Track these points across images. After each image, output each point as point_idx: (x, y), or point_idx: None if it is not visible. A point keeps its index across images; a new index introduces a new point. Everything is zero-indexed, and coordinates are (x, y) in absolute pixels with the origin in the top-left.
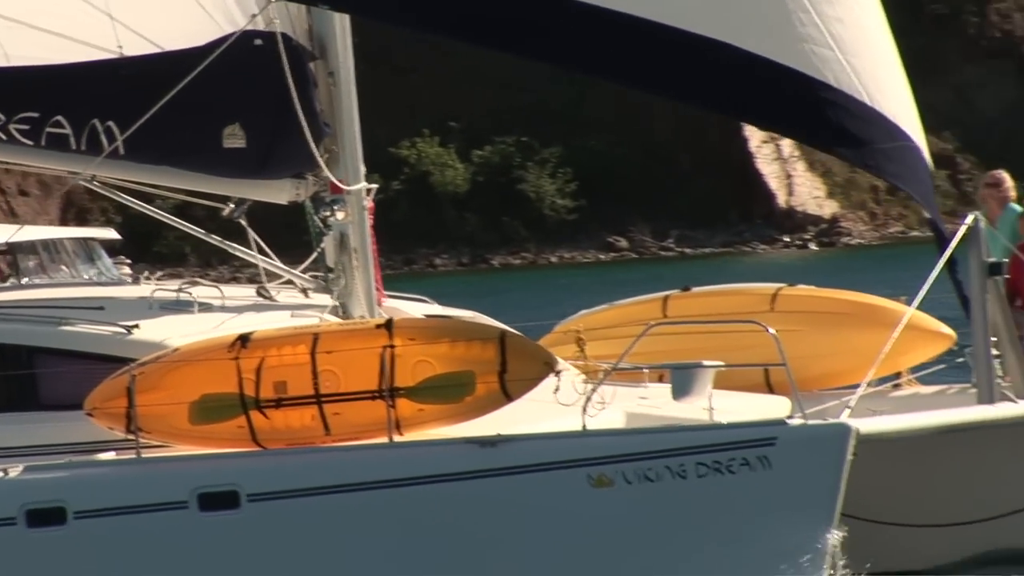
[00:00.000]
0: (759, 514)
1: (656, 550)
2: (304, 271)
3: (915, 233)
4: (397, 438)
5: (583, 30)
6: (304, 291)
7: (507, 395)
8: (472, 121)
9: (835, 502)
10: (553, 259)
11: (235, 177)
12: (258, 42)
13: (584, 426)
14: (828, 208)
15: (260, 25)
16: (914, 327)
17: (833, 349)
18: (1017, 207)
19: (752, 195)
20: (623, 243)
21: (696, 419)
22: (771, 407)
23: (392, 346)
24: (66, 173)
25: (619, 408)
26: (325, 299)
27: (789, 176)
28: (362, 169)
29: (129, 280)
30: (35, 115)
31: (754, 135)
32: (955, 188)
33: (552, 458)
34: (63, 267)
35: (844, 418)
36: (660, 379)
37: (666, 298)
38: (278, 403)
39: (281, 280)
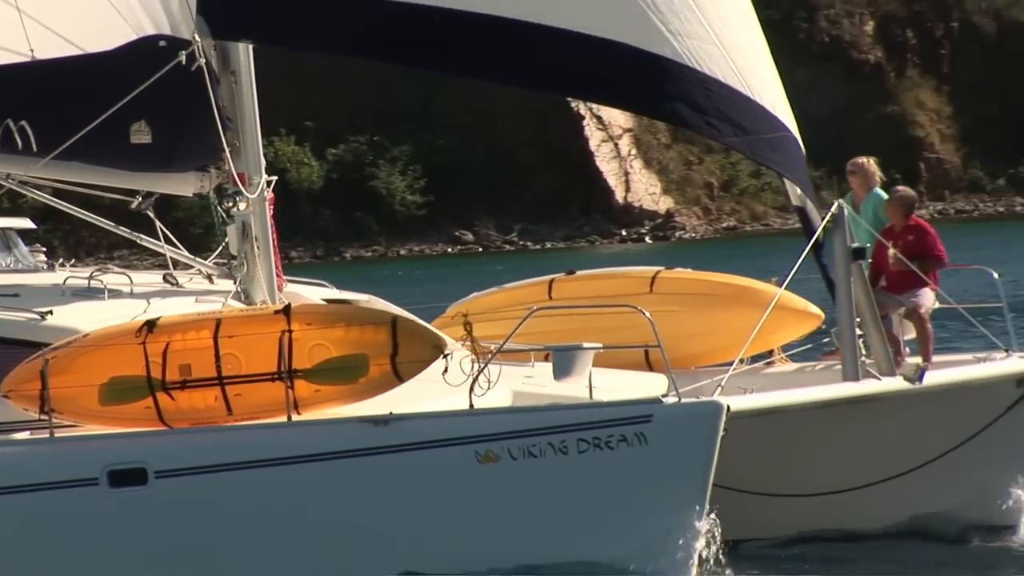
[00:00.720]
0: (637, 487)
1: (540, 522)
2: (211, 259)
3: (747, 228)
4: (295, 417)
5: (470, 38)
6: (209, 277)
7: (399, 377)
8: (327, 121)
9: (708, 475)
10: (403, 252)
11: (142, 171)
12: (163, 44)
13: (471, 405)
14: (664, 204)
15: (166, 28)
16: (784, 307)
17: (708, 329)
18: (882, 192)
19: (591, 191)
20: (469, 237)
21: (578, 398)
22: (649, 385)
23: (290, 330)
24: None
25: (506, 387)
26: (229, 285)
27: (627, 174)
28: (263, 161)
29: (44, 268)
30: None
31: (594, 135)
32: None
33: (442, 435)
34: None
35: (716, 396)
36: (546, 359)
37: (551, 281)
38: (183, 385)
39: (192, 269)
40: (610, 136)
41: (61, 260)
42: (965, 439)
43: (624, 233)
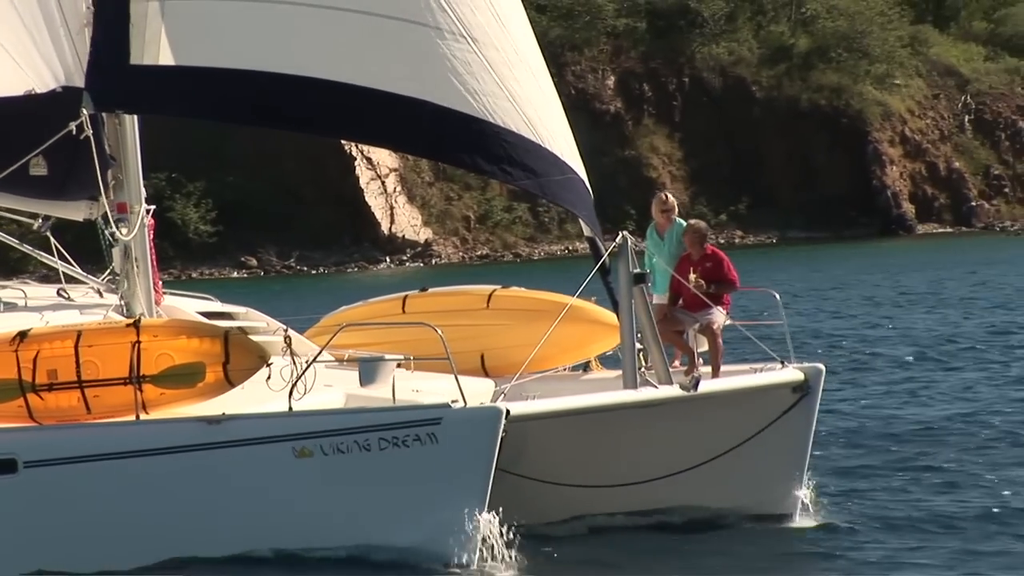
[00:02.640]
0: (428, 480)
1: (347, 511)
2: (103, 277)
3: (500, 256)
4: (144, 416)
5: (306, 100)
6: (99, 292)
7: (230, 382)
8: None
9: (489, 470)
10: (195, 275)
11: (40, 199)
12: (58, 90)
13: (290, 407)
14: (424, 234)
15: (61, 77)
16: (598, 322)
17: (534, 340)
18: (682, 222)
19: (361, 223)
20: (253, 262)
21: (383, 400)
22: (477, 388)
23: (139, 341)
24: None
25: (341, 390)
26: (114, 299)
27: (392, 208)
28: (143, 193)
29: None
30: None
31: (364, 174)
32: (534, 218)
33: (265, 433)
34: None
35: (497, 402)
36: (398, 366)
37: (405, 297)
38: (50, 387)
39: (91, 284)
40: (378, 175)
41: None
42: (748, 437)
43: (388, 260)
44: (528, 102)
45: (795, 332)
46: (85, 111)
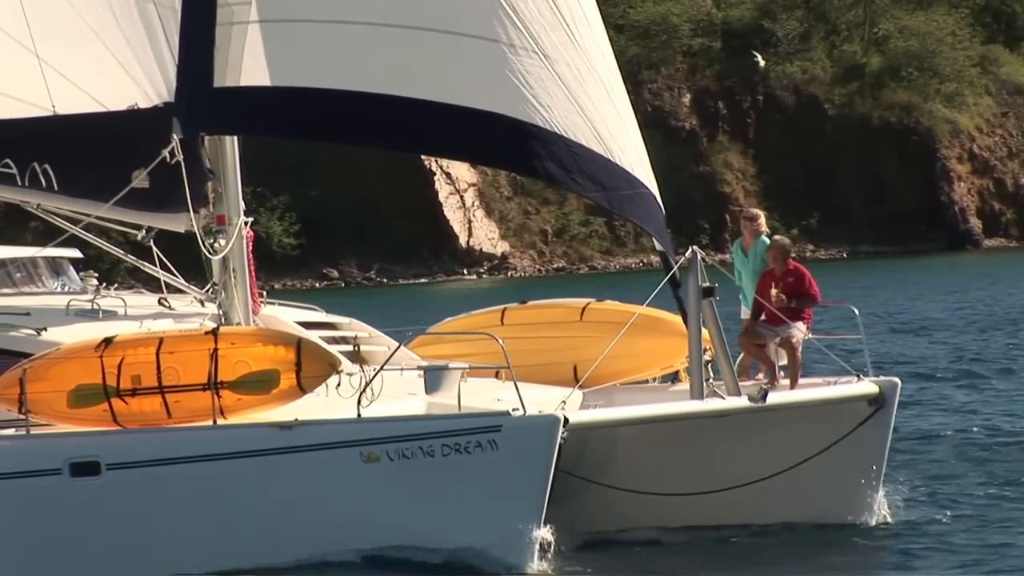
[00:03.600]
0: (488, 485)
1: (411, 514)
2: (207, 288)
3: (576, 269)
4: (221, 421)
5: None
6: (201, 302)
7: (302, 389)
8: None
9: (547, 475)
10: (278, 286)
11: (142, 210)
12: (160, 105)
13: (359, 414)
14: (500, 247)
15: (164, 92)
16: (684, 334)
17: (625, 352)
18: (766, 239)
19: (440, 236)
20: (335, 274)
21: (473, 408)
22: (560, 398)
23: (217, 348)
24: (19, 201)
25: (423, 398)
26: (214, 309)
27: (470, 222)
28: (241, 205)
29: (91, 291)
30: None
31: (443, 188)
32: (611, 232)
33: (334, 439)
34: (33, 280)
35: (556, 411)
36: (496, 375)
37: (504, 309)
38: (133, 392)
39: (195, 294)
40: (457, 189)
41: (105, 284)
42: (823, 449)
43: (465, 272)
44: (599, 117)
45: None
46: (175, 136)
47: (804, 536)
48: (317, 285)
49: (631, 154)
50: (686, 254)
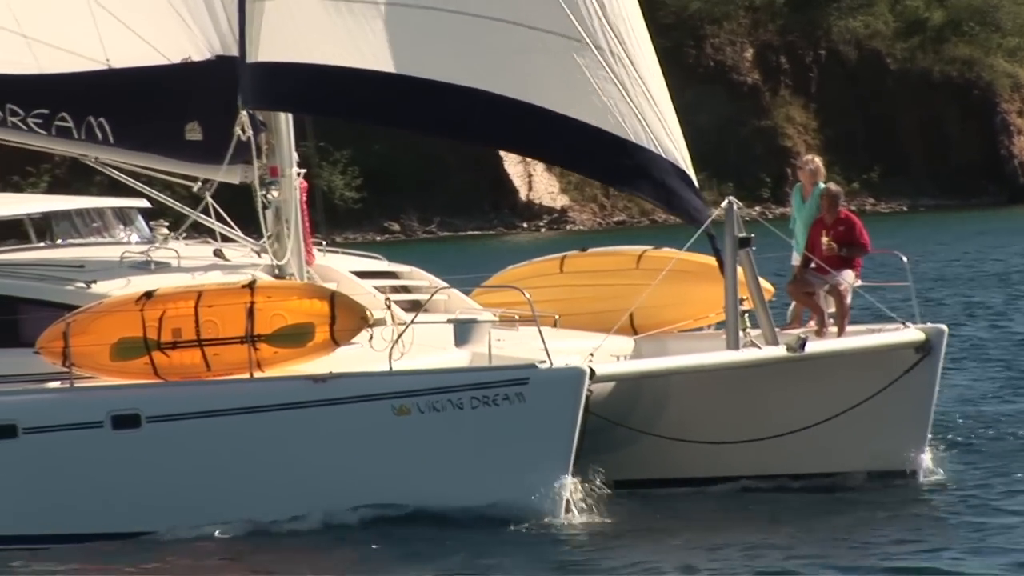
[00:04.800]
0: (516, 437)
1: (441, 465)
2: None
3: (637, 222)
4: (258, 374)
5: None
6: (258, 253)
7: (335, 342)
8: None
9: (574, 427)
10: (339, 239)
11: (196, 163)
12: (213, 59)
13: (390, 367)
14: (560, 201)
15: (217, 46)
16: (742, 282)
17: (680, 299)
18: (822, 185)
19: (501, 190)
20: (396, 227)
21: (518, 359)
22: (617, 346)
23: (254, 302)
24: (76, 155)
25: (471, 349)
26: (268, 259)
27: (530, 176)
28: (294, 157)
29: (160, 240)
30: (46, 111)
31: None
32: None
33: (366, 391)
34: (102, 230)
35: (581, 363)
36: (554, 324)
37: (564, 257)
38: (173, 345)
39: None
40: None
41: (173, 234)
42: (870, 396)
43: (525, 225)
44: (589, 87)
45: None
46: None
47: (850, 484)
48: (378, 238)
49: (628, 118)
50: (722, 205)
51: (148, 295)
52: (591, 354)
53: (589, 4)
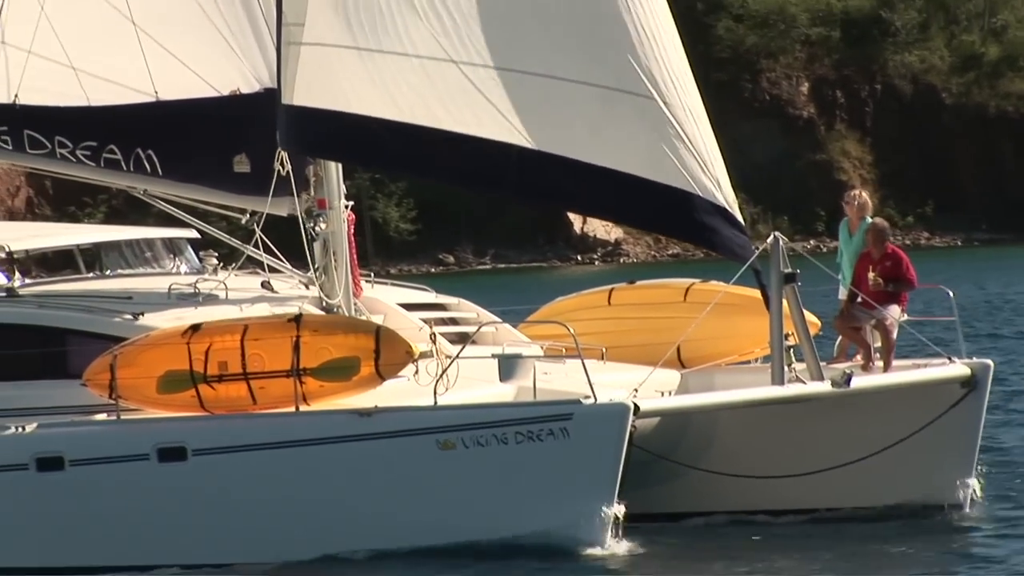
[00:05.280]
0: (561, 472)
1: (486, 499)
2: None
3: (694, 255)
4: (304, 408)
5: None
6: (306, 285)
7: (380, 376)
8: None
9: (618, 462)
10: (393, 271)
11: (244, 194)
12: (261, 91)
13: (435, 402)
14: (614, 234)
15: (265, 78)
16: (788, 316)
17: (727, 333)
18: (869, 220)
19: (555, 223)
20: (450, 259)
21: (568, 393)
22: (664, 380)
23: (299, 336)
24: (124, 187)
25: (517, 383)
26: (315, 291)
27: None
28: (342, 189)
29: (209, 270)
30: (94, 143)
31: None
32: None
33: (412, 426)
34: (151, 261)
35: (625, 398)
36: (601, 357)
37: (612, 289)
38: (219, 378)
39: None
40: None
41: (223, 264)
42: (916, 431)
43: (579, 258)
44: (616, 134)
45: (975, 328)
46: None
47: (895, 519)
48: (432, 270)
49: (661, 159)
50: (768, 240)
51: (195, 328)
52: (636, 389)
53: (618, 52)
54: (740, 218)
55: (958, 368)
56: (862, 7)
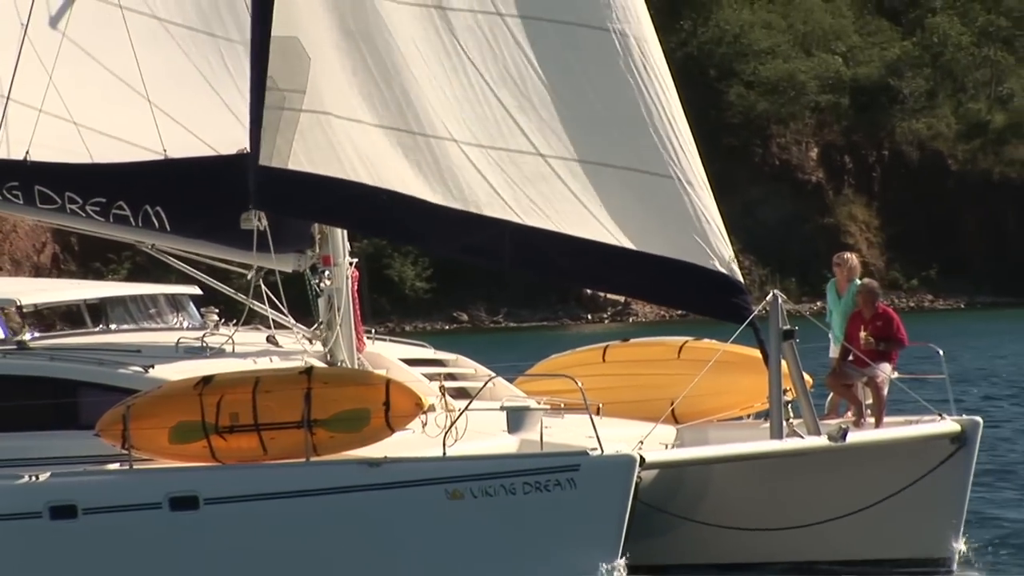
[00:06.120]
0: (568, 522)
1: (493, 549)
2: (315, 327)
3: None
4: (314, 458)
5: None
6: (309, 340)
7: (390, 427)
8: None
9: (624, 512)
10: (408, 328)
11: (250, 250)
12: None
13: (444, 453)
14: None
15: None
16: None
17: (721, 388)
18: (858, 281)
19: None
20: (464, 317)
21: (569, 446)
22: (662, 435)
23: (311, 388)
24: (133, 241)
25: (519, 436)
26: (319, 346)
27: None
28: (347, 246)
29: (210, 327)
30: (103, 200)
31: None
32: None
33: (420, 476)
34: (154, 316)
35: (632, 451)
36: (597, 412)
37: (606, 347)
38: (231, 429)
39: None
40: None
41: (224, 320)
42: (906, 486)
43: (589, 317)
44: (600, 208)
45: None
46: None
47: (884, 573)
48: (447, 327)
49: (643, 231)
50: (767, 299)
51: (206, 380)
52: (640, 442)
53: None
54: (740, 278)
55: (948, 424)
56: (871, 75)
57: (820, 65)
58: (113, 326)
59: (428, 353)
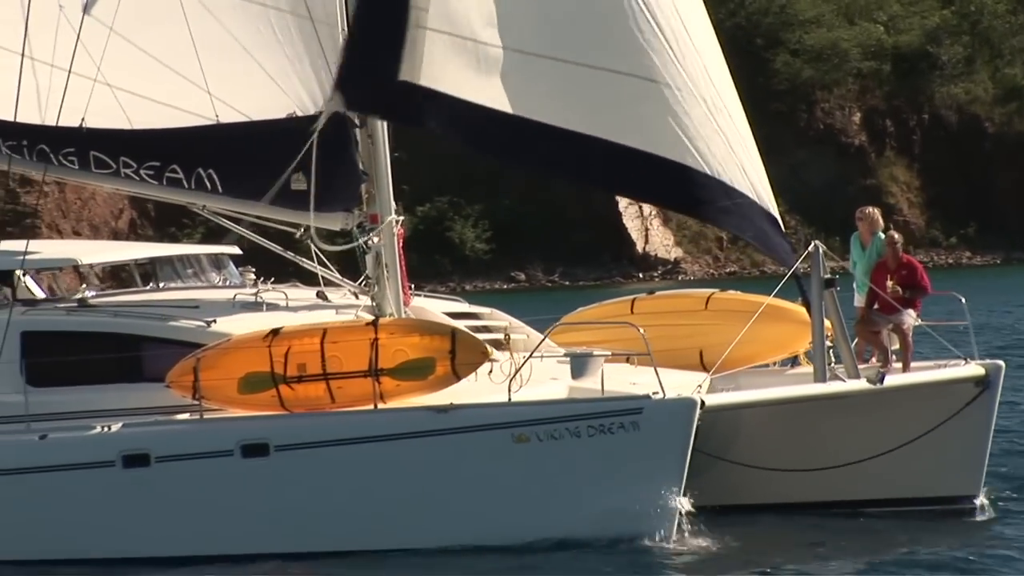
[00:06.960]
0: (631, 463)
1: (559, 490)
2: (359, 281)
3: (747, 273)
4: (381, 406)
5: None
6: (355, 295)
7: (456, 375)
8: (418, 185)
9: (685, 454)
10: (468, 287)
11: (301, 210)
12: (317, 113)
13: (510, 398)
14: (674, 253)
15: (320, 103)
16: (804, 322)
17: (748, 338)
18: (882, 235)
19: (620, 243)
20: (521, 277)
21: (615, 392)
22: (693, 382)
23: (377, 338)
24: (185, 203)
25: (565, 382)
26: (367, 300)
27: (647, 229)
28: (393, 205)
29: (248, 284)
30: (157, 163)
31: (622, 199)
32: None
33: (487, 421)
34: (198, 275)
35: (692, 394)
36: (627, 360)
37: (634, 299)
38: (299, 379)
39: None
40: (635, 200)
41: (262, 279)
42: (934, 427)
43: (641, 275)
44: (698, 135)
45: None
46: (323, 110)
47: (910, 513)
48: (505, 287)
49: (732, 168)
50: (809, 248)
51: (275, 332)
52: (699, 386)
53: (699, 62)
54: (783, 228)
55: (973, 368)
56: (911, 42)
57: (862, 33)
58: (162, 284)
59: (463, 307)
